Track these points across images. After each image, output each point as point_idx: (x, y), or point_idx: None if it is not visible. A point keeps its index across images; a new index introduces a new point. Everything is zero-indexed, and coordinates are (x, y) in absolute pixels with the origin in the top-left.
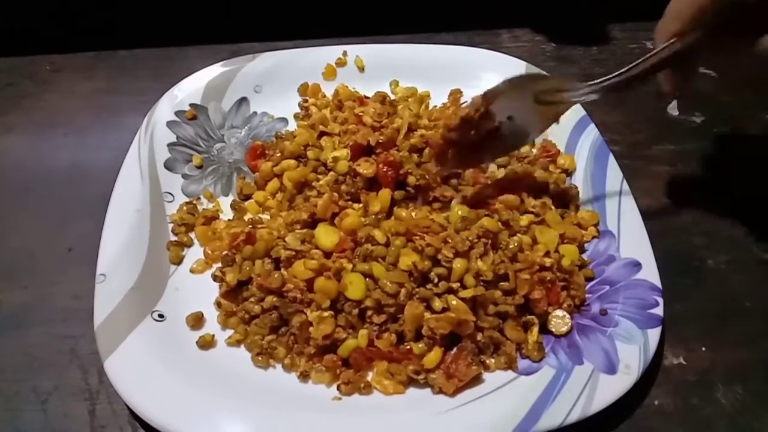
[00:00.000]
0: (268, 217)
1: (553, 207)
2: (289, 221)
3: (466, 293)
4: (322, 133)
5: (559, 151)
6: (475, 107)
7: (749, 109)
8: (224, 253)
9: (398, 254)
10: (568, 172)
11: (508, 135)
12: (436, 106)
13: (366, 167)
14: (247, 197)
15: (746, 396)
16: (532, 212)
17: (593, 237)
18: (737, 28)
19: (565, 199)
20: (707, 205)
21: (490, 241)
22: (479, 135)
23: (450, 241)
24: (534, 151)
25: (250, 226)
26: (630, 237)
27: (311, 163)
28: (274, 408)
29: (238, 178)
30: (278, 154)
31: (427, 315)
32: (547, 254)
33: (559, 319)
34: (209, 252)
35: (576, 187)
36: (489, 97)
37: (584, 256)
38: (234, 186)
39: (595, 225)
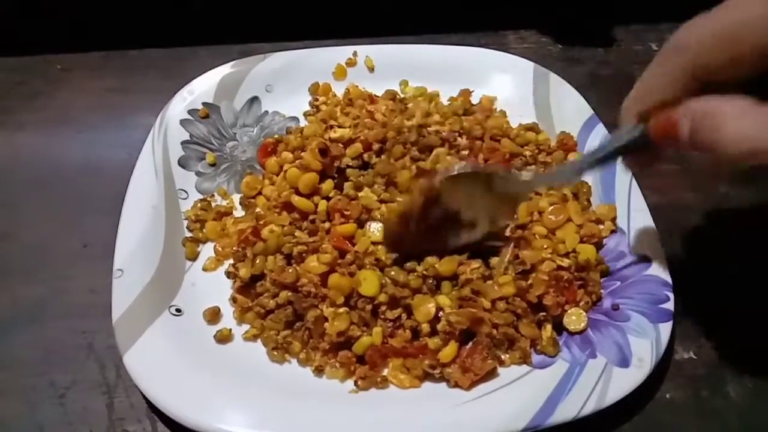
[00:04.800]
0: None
1: (571, 196)
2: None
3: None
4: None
5: (576, 143)
6: (415, 203)
7: None
8: (234, 248)
9: None
10: None
11: (468, 223)
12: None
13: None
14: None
15: (756, 389)
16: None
17: (611, 231)
18: None
19: (578, 194)
20: (715, 204)
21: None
22: (430, 223)
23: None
24: (553, 142)
25: (256, 220)
26: (640, 234)
27: None
28: (291, 400)
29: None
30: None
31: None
32: (566, 255)
33: (575, 317)
34: (219, 249)
35: (587, 183)
36: (425, 191)
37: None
38: None
39: (613, 219)
